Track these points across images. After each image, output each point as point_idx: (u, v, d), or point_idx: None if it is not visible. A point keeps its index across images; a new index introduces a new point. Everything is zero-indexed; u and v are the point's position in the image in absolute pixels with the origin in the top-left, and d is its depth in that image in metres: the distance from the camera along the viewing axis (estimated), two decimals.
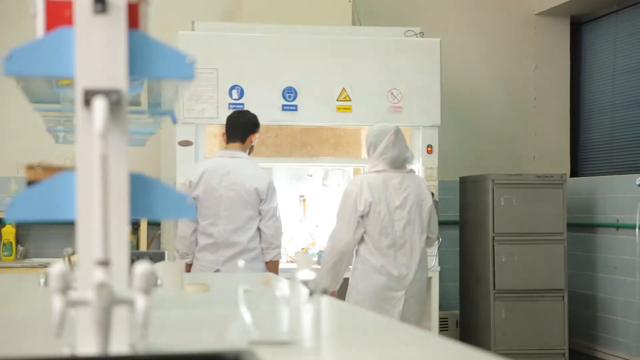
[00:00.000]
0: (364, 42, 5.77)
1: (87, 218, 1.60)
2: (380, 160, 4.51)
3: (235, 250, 4.59)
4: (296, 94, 5.63)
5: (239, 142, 4.71)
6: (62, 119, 2.92)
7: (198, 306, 2.60)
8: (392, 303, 4.42)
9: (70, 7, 1.64)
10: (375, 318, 2.37)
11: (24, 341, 1.93)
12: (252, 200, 4.61)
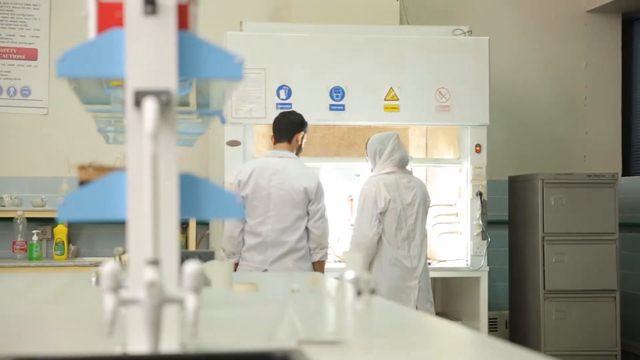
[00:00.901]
0: (412, 41, 5.75)
1: (138, 218, 1.61)
2: (389, 163, 4.89)
3: (283, 250, 4.60)
4: (344, 93, 5.63)
5: (286, 142, 4.74)
6: (113, 119, 2.95)
7: (247, 306, 2.60)
8: (407, 292, 4.78)
9: (121, 9, 1.65)
10: (422, 317, 2.36)
11: (77, 339, 1.95)
12: (300, 199, 4.62)
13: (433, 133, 6.33)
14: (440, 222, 6.06)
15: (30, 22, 6.40)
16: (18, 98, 6.40)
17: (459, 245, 5.91)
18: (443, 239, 6.04)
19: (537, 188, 6.22)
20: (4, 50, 6.37)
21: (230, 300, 2.72)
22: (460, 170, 5.89)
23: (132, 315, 1.58)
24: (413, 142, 6.44)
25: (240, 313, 2.43)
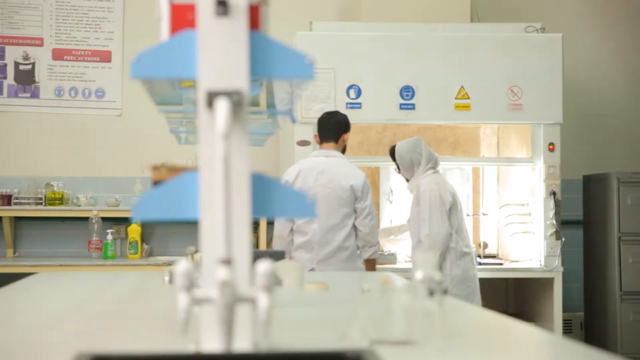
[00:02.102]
0: (483, 39, 5.69)
1: (210, 217, 1.63)
2: (431, 164, 4.97)
3: (330, 249, 4.61)
4: (414, 92, 5.60)
5: (333, 142, 4.77)
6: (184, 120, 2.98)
7: (318, 305, 2.61)
8: (475, 280, 4.92)
9: (193, 11, 1.67)
10: (495, 318, 2.33)
11: (150, 337, 1.98)
12: (347, 198, 4.63)
13: (505, 131, 6.26)
14: (513, 222, 5.99)
15: (104, 25, 6.52)
16: (93, 99, 6.52)
17: (532, 245, 5.83)
18: (516, 238, 5.96)
19: (613, 187, 6.10)
20: (79, 52, 6.50)
21: (301, 299, 2.73)
22: (533, 169, 5.81)
23: (205, 314, 1.59)
24: (484, 141, 6.37)
25: (312, 312, 2.43)
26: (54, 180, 6.34)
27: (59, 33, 6.48)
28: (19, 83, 6.44)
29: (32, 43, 6.46)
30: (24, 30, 6.45)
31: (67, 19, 6.49)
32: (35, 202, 6.21)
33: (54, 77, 6.47)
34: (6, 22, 6.43)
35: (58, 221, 6.41)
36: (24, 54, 6.45)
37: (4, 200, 6.17)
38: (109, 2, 6.52)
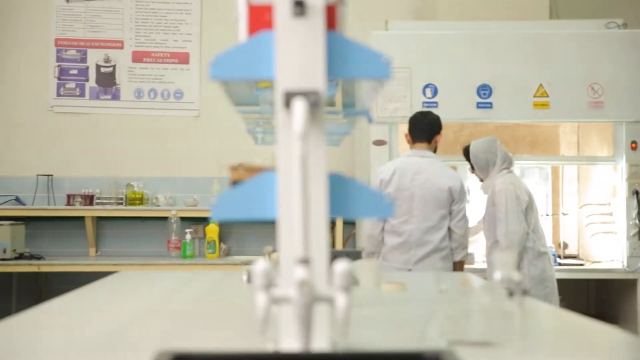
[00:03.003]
0: (563, 36, 5.60)
1: (288, 217, 1.63)
2: (506, 164, 4.89)
3: (427, 250, 4.58)
4: (491, 91, 5.54)
5: (426, 142, 4.73)
6: (261, 120, 3.00)
7: (395, 305, 2.59)
8: (553, 280, 4.81)
9: (271, 11, 1.68)
10: (576, 319, 2.28)
11: (230, 336, 2.00)
12: (444, 199, 4.60)
13: (585, 130, 6.14)
14: (594, 222, 5.87)
15: (182, 27, 6.62)
16: (171, 101, 6.62)
17: (614, 245, 5.71)
18: (597, 239, 5.85)
19: None
20: (158, 54, 6.61)
21: (379, 299, 2.72)
22: (615, 168, 5.69)
23: (283, 313, 1.60)
24: (564, 140, 6.27)
25: (389, 312, 2.42)
26: (134, 180, 6.46)
27: (139, 36, 6.60)
28: (100, 85, 6.58)
29: (113, 46, 6.59)
30: (105, 34, 6.58)
31: (146, 22, 6.60)
32: (116, 202, 6.33)
33: (133, 79, 6.59)
34: (88, 26, 6.58)
35: (138, 221, 6.52)
36: (105, 57, 6.58)
37: (86, 201, 6.30)
38: (187, 4, 6.61)
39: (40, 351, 1.82)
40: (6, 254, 5.75)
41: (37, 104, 6.53)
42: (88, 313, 2.47)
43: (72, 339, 1.95)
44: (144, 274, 3.92)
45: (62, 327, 2.17)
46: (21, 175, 6.47)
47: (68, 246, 6.48)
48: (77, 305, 2.63)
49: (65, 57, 6.56)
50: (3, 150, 6.49)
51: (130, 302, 2.74)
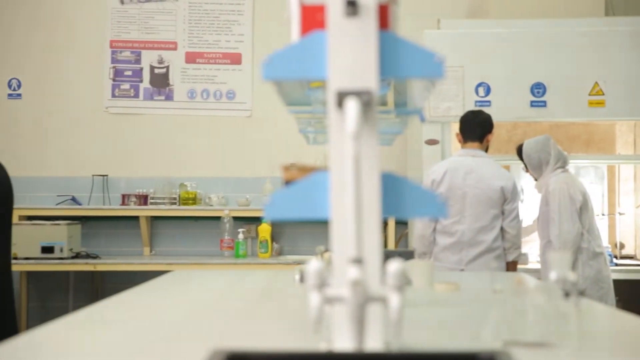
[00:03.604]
0: (619, 33, 5.52)
1: (341, 217, 1.63)
2: (560, 163, 4.84)
3: (479, 250, 4.55)
4: (545, 89, 5.48)
5: (477, 141, 4.70)
6: (313, 120, 3.01)
7: (449, 305, 2.58)
8: (609, 282, 4.77)
9: (323, 11, 1.68)
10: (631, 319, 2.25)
11: (283, 335, 2.00)
12: (497, 199, 4.57)
13: None
14: None
15: (234, 28, 6.66)
16: (224, 101, 6.66)
17: None
18: None
19: None
20: (211, 55, 6.66)
21: (432, 299, 2.71)
22: None
23: (336, 313, 1.60)
24: (620, 139, 6.17)
25: (442, 312, 2.41)
26: (187, 180, 6.51)
27: (192, 37, 6.66)
28: (154, 86, 6.65)
29: (167, 47, 6.66)
30: (158, 35, 6.66)
31: (199, 23, 6.66)
32: (169, 202, 6.39)
33: (186, 80, 6.65)
34: (142, 27, 6.65)
35: (191, 220, 6.58)
36: (158, 58, 6.65)
37: (141, 200, 6.38)
38: (239, 5, 6.65)
39: (97, 349, 1.85)
40: (63, 253, 5.84)
41: (93, 105, 6.63)
42: (143, 312, 2.50)
43: (127, 338, 1.97)
44: (197, 273, 3.95)
45: (117, 326, 2.20)
46: (77, 176, 6.57)
47: (123, 245, 6.56)
48: (132, 304, 2.67)
49: (120, 58, 6.64)
50: (60, 151, 6.60)
51: (184, 301, 2.77)
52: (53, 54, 6.63)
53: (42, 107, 6.61)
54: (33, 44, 6.62)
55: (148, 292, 2.98)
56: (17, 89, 6.61)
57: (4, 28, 6.61)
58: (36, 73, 6.62)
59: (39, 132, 6.60)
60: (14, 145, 6.46)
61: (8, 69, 6.61)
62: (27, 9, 6.62)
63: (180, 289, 3.14)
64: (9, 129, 6.56)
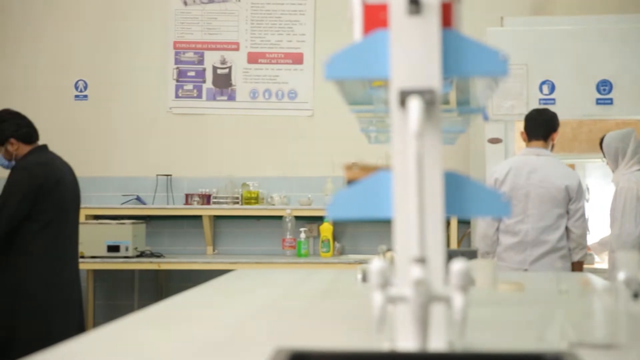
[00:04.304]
0: None
1: (404, 216, 1.63)
2: (636, 159, 4.75)
3: (544, 249, 4.49)
4: (611, 86, 5.39)
5: (542, 140, 4.63)
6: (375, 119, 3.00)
7: (513, 305, 2.55)
8: None
9: (385, 10, 1.68)
10: None
11: (345, 335, 2.00)
12: (562, 198, 4.50)
13: None
14: None
15: (296, 28, 6.68)
16: (285, 101, 6.69)
17: None
18: None
19: None
20: (273, 55, 6.70)
21: (496, 299, 2.68)
22: None
23: (399, 312, 1.59)
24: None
25: (507, 313, 2.39)
26: (249, 180, 6.56)
27: (254, 37, 6.70)
28: (216, 87, 6.71)
29: (229, 47, 6.71)
30: (221, 36, 6.71)
31: (261, 23, 6.70)
32: (232, 202, 6.44)
33: (249, 80, 6.70)
34: (205, 28, 6.72)
35: (254, 220, 6.62)
36: (221, 59, 6.71)
37: (204, 200, 6.44)
38: (301, 5, 6.67)
39: (161, 347, 1.87)
40: (128, 252, 5.93)
41: (157, 105, 6.71)
42: (206, 310, 2.52)
43: (191, 336, 1.99)
44: (260, 272, 3.97)
45: (181, 324, 2.22)
46: (142, 175, 6.66)
47: (186, 244, 6.63)
48: (195, 303, 2.69)
49: (183, 59, 6.72)
50: (125, 151, 6.70)
51: (247, 300, 2.79)
52: (118, 56, 6.73)
53: (108, 108, 6.72)
54: (99, 46, 6.73)
55: (211, 291, 3.01)
56: (83, 91, 6.73)
57: (71, 31, 6.74)
58: (102, 75, 6.73)
59: (105, 133, 6.71)
60: (80, 146, 6.58)
61: (75, 71, 6.73)
62: (93, 11, 6.74)
63: (243, 288, 3.16)
64: (76, 130, 6.68)
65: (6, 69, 6.73)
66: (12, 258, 4.46)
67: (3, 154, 4.60)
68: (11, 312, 4.42)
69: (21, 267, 4.45)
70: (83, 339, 1.92)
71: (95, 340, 1.93)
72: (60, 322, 4.52)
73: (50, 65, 6.73)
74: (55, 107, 6.67)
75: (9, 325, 4.40)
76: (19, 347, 4.34)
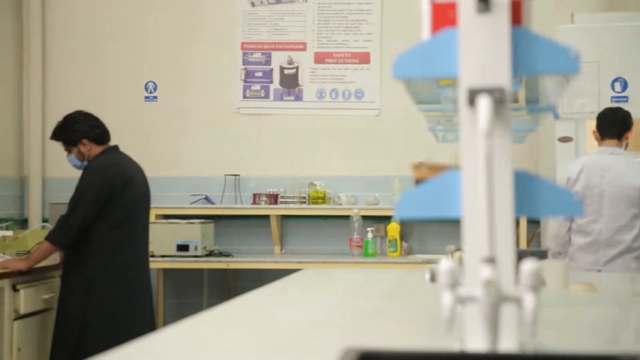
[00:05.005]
0: None
1: (473, 216, 1.61)
2: None
3: (618, 250, 4.41)
4: None
5: (615, 139, 4.55)
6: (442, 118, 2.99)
7: (585, 306, 2.51)
8: None
9: (454, 8, 1.66)
10: None
11: (414, 335, 2.00)
12: (637, 197, 4.42)
13: None
14: None
15: (363, 27, 6.68)
16: (352, 100, 6.69)
17: None
18: None
19: None
20: (339, 55, 6.70)
21: (567, 300, 2.64)
22: None
23: (469, 313, 1.58)
24: None
25: (579, 314, 2.35)
26: (316, 179, 6.57)
27: (321, 37, 6.72)
28: (283, 87, 6.74)
29: (296, 48, 6.74)
30: (288, 36, 6.75)
31: (328, 23, 6.71)
32: (299, 201, 6.46)
33: (315, 80, 6.71)
34: (272, 29, 6.76)
35: (321, 219, 6.64)
36: (288, 59, 6.74)
37: (271, 200, 6.48)
38: (368, 4, 6.67)
39: (230, 346, 1.89)
40: (197, 251, 5.99)
41: (225, 106, 6.78)
42: (275, 310, 2.54)
43: (259, 335, 2.01)
44: (327, 272, 3.98)
45: (249, 323, 2.24)
46: (210, 175, 6.73)
47: (254, 244, 6.68)
48: (264, 302, 2.71)
49: (250, 60, 6.77)
50: (194, 151, 6.77)
51: (315, 299, 2.79)
52: (187, 57, 6.81)
53: (177, 109, 6.81)
54: (168, 47, 6.83)
55: (280, 290, 3.03)
56: (153, 92, 6.83)
57: (141, 33, 6.84)
58: (171, 76, 6.82)
59: (174, 134, 6.80)
60: (150, 147, 6.67)
61: (145, 73, 6.84)
62: (162, 13, 6.83)
63: (311, 288, 3.17)
64: (146, 131, 6.78)
65: (78, 72, 6.86)
66: (84, 257, 4.55)
67: (76, 154, 4.70)
68: (83, 310, 4.50)
69: (93, 266, 4.53)
70: (154, 337, 1.95)
71: (166, 339, 1.96)
72: (132, 320, 4.60)
73: (121, 67, 6.85)
74: (126, 108, 6.78)
75: (81, 323, 4.49)
76: (91, 345, 4.43)
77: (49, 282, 4.98)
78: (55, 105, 6.69)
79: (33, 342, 4.78)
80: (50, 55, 6.87)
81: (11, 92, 6.68)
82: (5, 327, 4.54)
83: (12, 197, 6.65)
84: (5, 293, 4.57)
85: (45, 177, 6.79)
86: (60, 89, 6.85)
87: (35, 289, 4.78)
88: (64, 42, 6.88)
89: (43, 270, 4.90)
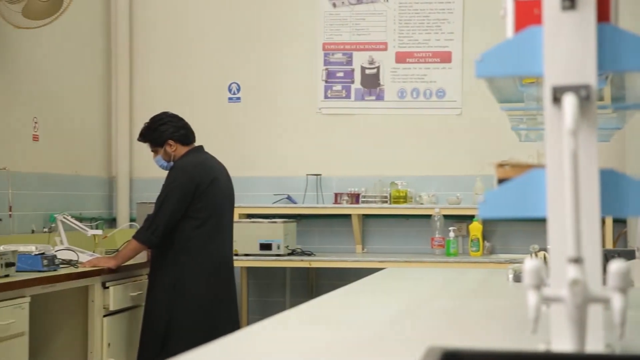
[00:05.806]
0: None
1: (558, 215, 1.60)
2: None
3: None
4: None
5: None
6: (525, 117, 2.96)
7: None
8: None
9: (539, 6, 1.65)
10: None
11: (497, 335, 1.98)
12: None
13: None
14: None
15: (444, 26, 6.64)
16: (433, 100, 6.66)
17: None
18: None
19: None
20: (421, 54, 6.68)
21: None
22: None
23: (555, 313, 1.56)
24: None
25: None
26: (398, 179, 6.56)
27: (402, 37, 6.71)
28: (365, 87, 6.75)
29: (377, 48, 6.74)
30: (369, 36, 6.75)
31: (409, 23, 6.69)
32: (381, 201, 6.47)
33: (397, 80, 6.71)
34: (354, 29, 6.78)
35: (402, 219, 6.63)
36: (369, 59, 6.75)
37: (353, 199, 6.50)
38: (449, 3, 6.63)
39: (313, 344, 1.91)
40: (280, 250, 6.05)
41: (307, 106, 6.82)
42: (357, 309, 2.55)
43: (342, 334, 2.02)
44: (410, 271, 3.98)
45: (332, 322, 2.26)
46: (292, 175, 6.78)
47: (336, 243, 6.71)
48: (346, 301, 2.73)
49: (332, 60, 6.80)
50: (277, 152, 6.84)
51: (397, 298, 2.80)
52: (270, 58, 6.88)
53: (259, 109, 6.88)
54: (251, 49, 6.90)
55: (361, 290, 3.04)
56: (236, 93, 6.92)
57: (225, 35, 6.94)
58: (254, 77, 6.90)
59: (257, 134, 6.87)
60: (234, 147, 6.76)
61: (229, 74, 6.93)
62: (246, 16, 6.91)
63: (393, 287, 3.18)
64: (230, 132, 6.87)
65: (164, 75, 6.99)
66: (171, 255, 4.64)
67: (162, 155, 4.80)
68: (169, 307, 4.59)
69: (179, 264, 4.62)
70: (239, 334, 1.98)
71: (251, 337, 1.99)
72: (216, 317, 4.67)
73: (206, 69, 6.95)
74: (210, 110, 6.88)
75: (167, 320, 4.58)
76: (177, 341, 4.51)
77: (137, 279, 5.10)
78: (141, 107, 6.84)
79: (122, 338, 4.90)
80: (137, 59, 7.02)
81: (100, 96, 6.85)
82: (95, 323, 4.67)
83: (101, 197, 6.82)
84: (95, 290, 4.70)
85: (132, 177, 6.95)
86: (147, 91, 6.99)
87: (123, 287, 4.90)
88: (150, 44, 7.02)
89: (131, 268, 5.02)
